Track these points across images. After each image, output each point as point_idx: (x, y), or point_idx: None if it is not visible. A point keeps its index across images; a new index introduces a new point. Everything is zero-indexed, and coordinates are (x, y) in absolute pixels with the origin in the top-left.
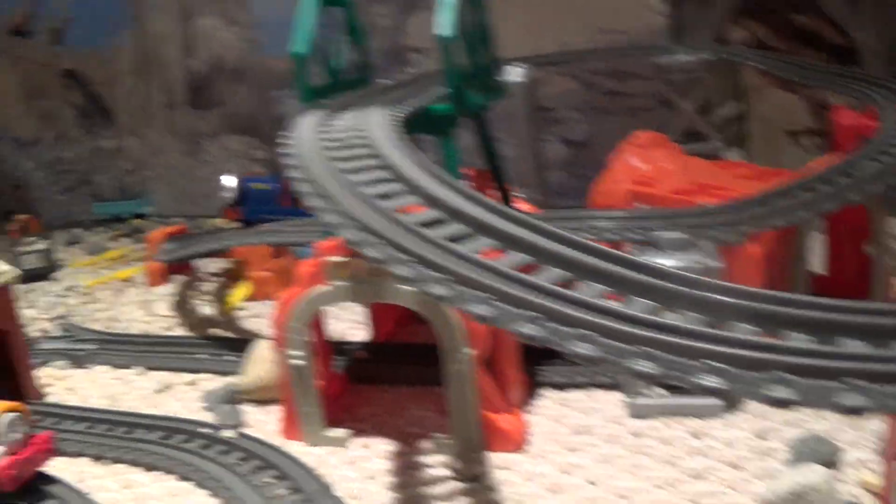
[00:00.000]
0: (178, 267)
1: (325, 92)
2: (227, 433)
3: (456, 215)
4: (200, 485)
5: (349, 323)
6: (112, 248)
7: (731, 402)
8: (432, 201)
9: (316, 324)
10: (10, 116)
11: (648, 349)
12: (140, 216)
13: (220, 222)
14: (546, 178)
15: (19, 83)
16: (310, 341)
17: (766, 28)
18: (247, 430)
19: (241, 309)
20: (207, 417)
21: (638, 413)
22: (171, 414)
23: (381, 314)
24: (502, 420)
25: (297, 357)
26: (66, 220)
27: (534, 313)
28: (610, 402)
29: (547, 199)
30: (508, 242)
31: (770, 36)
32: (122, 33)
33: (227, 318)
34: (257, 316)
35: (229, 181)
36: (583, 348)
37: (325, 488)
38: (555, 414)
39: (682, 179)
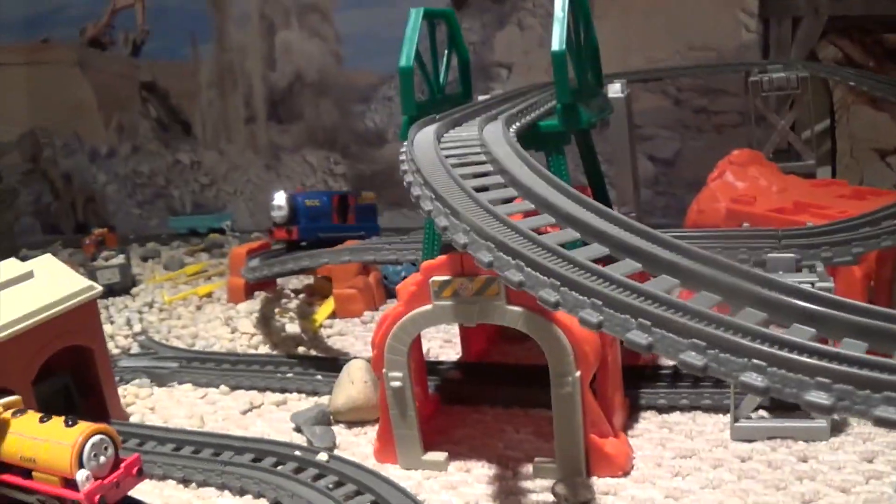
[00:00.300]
0: (260, 283)
1: (427, 106)
2: (320, 456)
3: (590, 232)
4: None
5: (438, 342)
6: (190, 263)
7: (836, 424)
8: (562, 216)
9: (414, 344)
10: (86, 128)
11: (758, 362)
12: (217, 231)
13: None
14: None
15: (97, 94)
16: (409, 362)
17: (856, 46)
18: (339, 453)
19: (326, 327)
20: (298, 439)
21: (742, 436)
22: (259, 435)
23: (472, 333)
24: (608, 444)
25: (396, 378)
26: (141, 234)
27: (644, 321)
28: (713, 425)
29: (641, 218)
30: (623, 251)
31: (860, 54)
32: (203, 46)
33: (312, 336)
34: (343, 334)
35: (279, 198)
36: (692, 358)
37: None
38: (658, 437)
39: (780, 198)
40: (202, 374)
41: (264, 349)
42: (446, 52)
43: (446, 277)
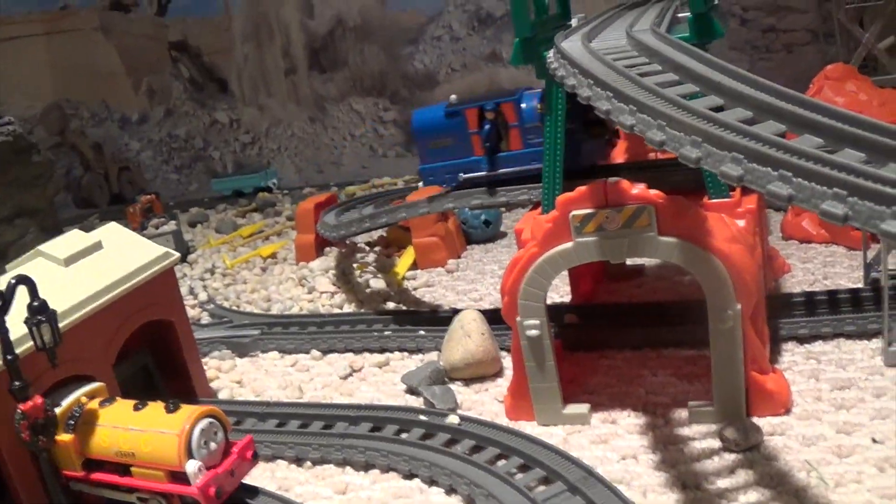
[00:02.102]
0: (328, 239)
1: (534, 27)
2: (451, 419)
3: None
4: (433, 481)
5: None
6: (242, 224)
7: None
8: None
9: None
10: (115, 95)
11: None
12: (264, 189)
13: None
14: None
15: (123, 59)
16: (546, 309)
17: None
18: (464, 413)
19: (409, 279)
20: (414, 402)
21: (894, 361)
22: (369, 401)
23: (580, 274)
24: (769, 381)
25: (533, 327)
26: (182, 200)
27: (839, 191)
28: (862, 352)
29: None
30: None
31: None
32: None
33: (398, 289)
34: (430, 285)
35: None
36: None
37: (588, 474)
38: (808, 369)
39: (883, 111)
40: (287, 339)
41: (350, 308)
42: None
43: (589, 210)
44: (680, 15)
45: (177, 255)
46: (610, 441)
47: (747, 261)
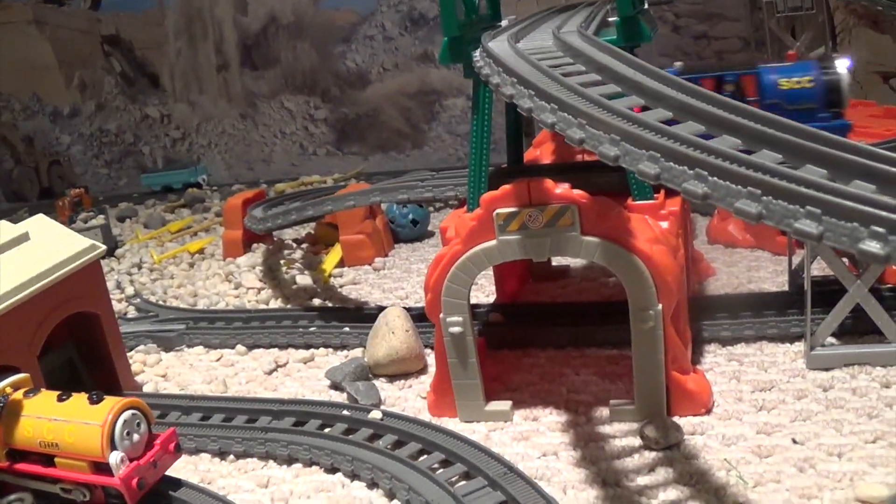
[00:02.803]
0: (256, 235)
1: (464, 28)
2: (373, 414)
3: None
4: (355, 475)
5: None
6: (171, 220)
7: None
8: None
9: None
10: (47, 88)
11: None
12: (193, 186)
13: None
14: None
15: (56, 52)
16: (469, 305)
17: None
18: (388, 409)
19: (336, 276)
20: (337, 398)
21: (819, 364)
22: (293, 396)
23: (506, 273)
24: (690, 381)
25: (456, 323)
26: (112, 195)
27: (753, 190)
28: (784, 354)
29: None
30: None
31: None
32: None
33: (324, 286)
34: (356, 283)
35: None
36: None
37: (509, 470)
38: (730, 371)
39: None
40: (213, 334)
41: (276, 304)
42: None
43: (513, 209)
44: (610, 19)
45: (103, 247)
46: (531, 438)
47: (669, 262)
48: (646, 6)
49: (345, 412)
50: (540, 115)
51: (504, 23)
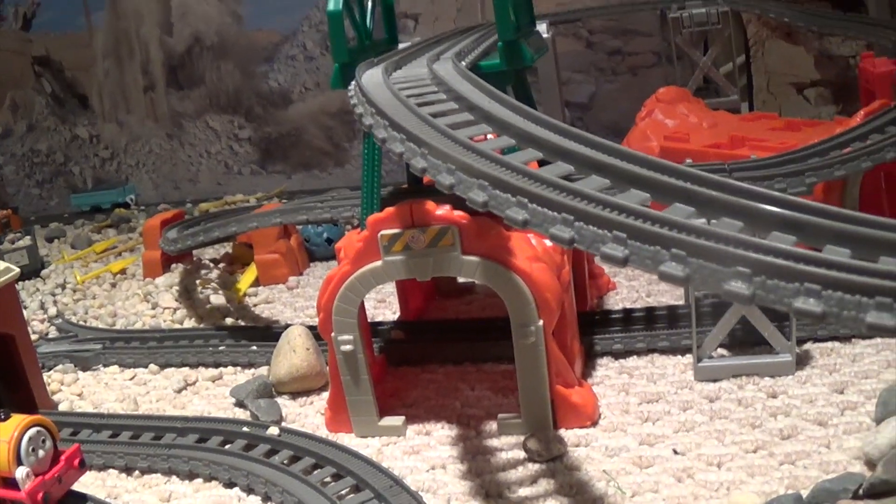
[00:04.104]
0: (177, 255)
1: (356, 53)
2: (271, 430)
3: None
4: (250, 490)
5: (372, 302)
6: (98, 240)
7: (800, 357)
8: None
9: (360, 305)
10: None
11: (743, 269)
12: (121, 206)
13: None
14: None
15: None
16: (359, 324)
17: None
18: (288, 426)
19: (251, 295)
20: (241, 415)
21: (706, 376)
22: (199, 414)
23: (409, 291)
24: (574, 394)
25: (347, 342)
26: (43, 215)
27: (619, 233)
28: (674, 367)
29: None
30: (590, 168)
31: None
32: (97, 14)
33: (238, 305)
34: (269, 301)
35: None
36: (671, 268)
37: (394, 483)
38: (619, 383)
39: (714, 133)
40: (128, 354)
41: (190, 323)
42: None
43: (396, 230)
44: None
45: (16, 270)
46: (422, 452)
47: (549, 279)
48: (536, 28)
49: (245, 429)
50: (411, 159)
51: (401, 47)
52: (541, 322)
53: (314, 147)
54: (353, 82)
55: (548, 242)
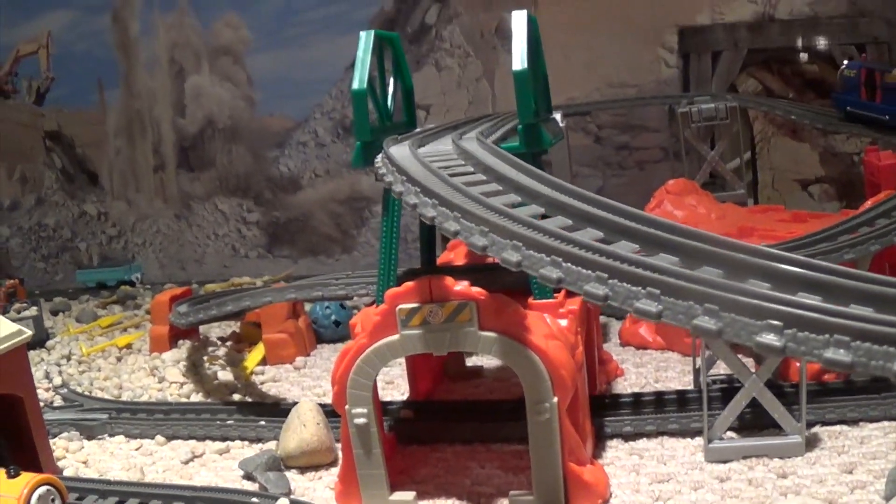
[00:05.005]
0: (184, 332)
1: (377, 133)
2: (280, 502)
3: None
4: None
5: (380, 383)
6: (103, 315)
7: (809, 439)
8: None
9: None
10: None
11: (775, 322)
12: (127, 283)
13: None
14: None
15: None
16: (374, 398)
17: (776, 77)
18: (297, 498)
19: (258, 373)
20: (250, 487)
21: (717, 457)
22: (207, 485)
23: (419, 371)
24: (586, 472)
25: (361, 415)
26: (48, 289)
27: (653, 290)
28: (684, 448)
29: None
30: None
31: (780, 85)
32: (110, 92)
33: (245, 383)
34: (276, 380)
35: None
36: (703, 322)
37: None
38: (630, 464)
39: (722, 224)
40: (134, 425)
41: (197, 398)
42: (392, 78)
43: (414, 305)
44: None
45: (29, 332)
46: None
47: (564, 357)
48: (553, 115)
49: (254, 500)
50: (444, 223)
51: (420, 129)
52: (555, 399)
53: (322, 233)
54: (381, 155)
55: (563, 322)
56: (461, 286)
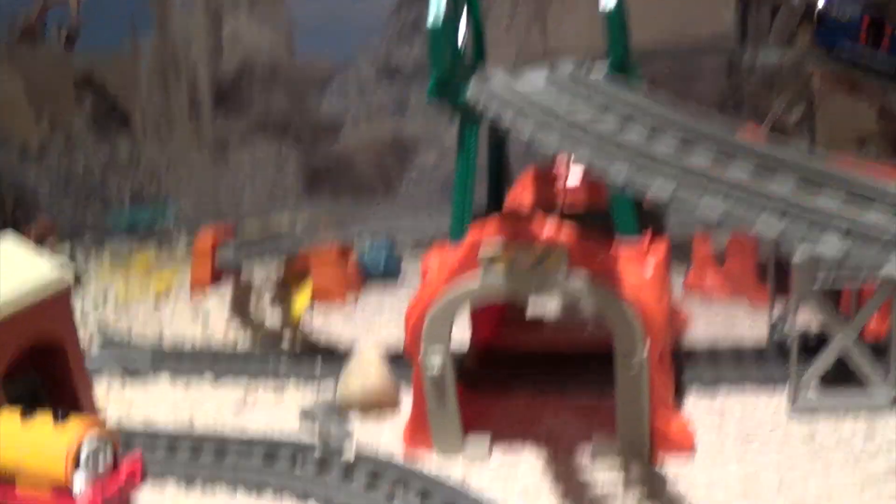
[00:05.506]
0: (224, 273)
1: (453, 67)
2: (345, 449)
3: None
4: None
5: None
6: (137, 256)
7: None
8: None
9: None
10: (16, 124)
11: None
12: (159, 224)
13: None
14: None
15: (27, 90)
16: (449, 344)
17: None
18: (360, 445)
19: (306, 314)
20: (307, 432)
21: (802, 412)
22: (263, 429)
23: (481, 318)
24: (673, 423)
25: (436, 361)
26: (78, 231)
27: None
28: (767, 402)
29: None
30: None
31: None
32: (143, 35)
33: (294, 324)
34: (326, 322)
35: None
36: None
37: None
38: (710, 421)
39: None
40: (180, 367)
41: (244, 342)
42: (464, 16)
43: (497, 248)
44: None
45: (69, 277)
46: (509, 475)
47: (657, 306)
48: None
49: (316, 447)
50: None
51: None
52: (647, 349)
53: (363, 177)
54: (474, 85)
55: (649, 271)
56: (551, 228)
